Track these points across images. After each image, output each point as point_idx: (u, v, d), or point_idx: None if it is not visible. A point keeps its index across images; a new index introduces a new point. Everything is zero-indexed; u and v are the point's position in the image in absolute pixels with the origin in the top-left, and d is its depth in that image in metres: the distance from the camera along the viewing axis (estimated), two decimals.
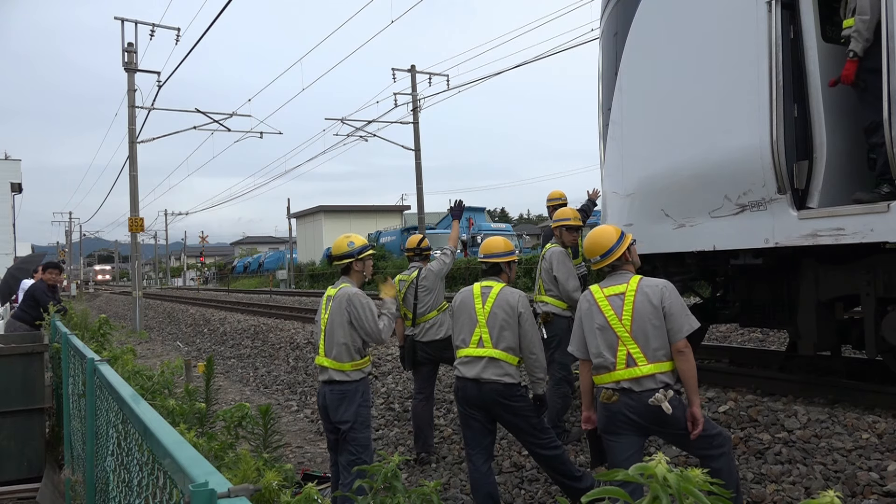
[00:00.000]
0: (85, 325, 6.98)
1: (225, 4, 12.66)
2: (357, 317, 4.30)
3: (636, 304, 3.38)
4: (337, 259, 4.55)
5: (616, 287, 3.50)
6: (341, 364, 4.22)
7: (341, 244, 4.54)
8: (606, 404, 3.42)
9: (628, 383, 3.34)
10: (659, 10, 5.58)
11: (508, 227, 35.95)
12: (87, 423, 3.15)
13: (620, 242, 3.58)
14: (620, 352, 3.38)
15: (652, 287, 3.43)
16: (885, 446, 4.01)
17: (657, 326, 3.35)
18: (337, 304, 4.33)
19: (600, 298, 3.51)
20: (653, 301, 3.37)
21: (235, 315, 19.21)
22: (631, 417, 3.35)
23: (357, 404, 4.22)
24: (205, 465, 1.29)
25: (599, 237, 3.61)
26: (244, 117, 22.85)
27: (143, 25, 19.74)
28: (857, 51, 4.09)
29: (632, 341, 3.36)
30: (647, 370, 3.32)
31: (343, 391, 4.21)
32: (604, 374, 3.45)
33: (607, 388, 3.42)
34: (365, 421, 4.28)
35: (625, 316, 3.40)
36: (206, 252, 65.49)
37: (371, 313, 4.34)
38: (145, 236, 64.57)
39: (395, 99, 24.47)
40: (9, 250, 29.04)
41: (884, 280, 4.43)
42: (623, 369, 3.36)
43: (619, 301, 3.44)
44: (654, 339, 3.35)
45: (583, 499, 1.34)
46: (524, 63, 21.19)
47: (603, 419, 3.49)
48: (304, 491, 2.13)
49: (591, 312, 3.54)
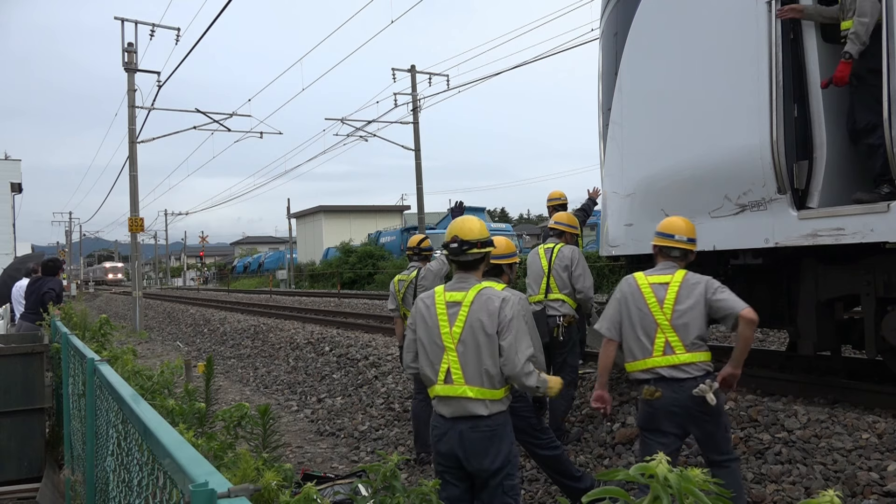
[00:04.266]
0: (85, 325, 6.97)
1: (225, 4, 12.66)
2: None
3: (680, 296, 3.51)
4: (478, 246, 3.21)
5: (661, 276, 3.63)
6: (491, 392, 3.09)
7: (480, 229, 3.23)
8: (650, 401, 3.51)
9: (667, 371, 3.46)
10: (659, 10, 5.58)
11: (508, 227, 35.91)
12: (87, 423, 3.15)
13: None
14: (659, 339, 3.50)
15: (697, 281, 3.55)
16: (885, 446, 4.01)
17: (698, 318, 3.47)
18: (489, 311, 3.10)
19: (643, 285, 3.62)
20: (697, 293, 3.50)
21: (235, 315, 19.21)
22: (673, 412, 3.45)
23: (509, 441, 3.19)
24: (205, 465, 1.29)
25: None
26: (244, 117, 22.87)
27: (143, 25, 19.76)
28: (852, 52, 4.08)
29: (671, 330, 3.48)
30: (685, 359, 3.44)
31: (493, 428, 3.11)
32: (638, 359, 3.56)
33: (646, 382, 3.52)
34: (517, 461, 3.31)
35: (666, 305, 3.52)
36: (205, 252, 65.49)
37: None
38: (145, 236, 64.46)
39: (395, 99, 24.48)
40: (9, 250, 29.01)
41: (884, 280, 4.43)
42: (660, 356, 3.48)
43: (663, 291, 3.56)
44: (694, 330, 3.48)
45: (583, 499, 1.34)
46: (524, 63, 21.26)
47: (645, 416, 3.59)
48: (303, 491, 2.12)
49: (633, 297, 3.64)
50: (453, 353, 3.10)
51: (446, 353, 3.12)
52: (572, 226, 5.83)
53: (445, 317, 3.14)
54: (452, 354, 3.10)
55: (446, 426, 3.13)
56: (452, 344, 3.10)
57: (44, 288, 8.52)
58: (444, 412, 3.14)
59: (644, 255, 5.97)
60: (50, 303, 7.60)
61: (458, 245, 3.17)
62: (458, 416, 3.10)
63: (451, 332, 3.11)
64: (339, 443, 7.07)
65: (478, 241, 3.19)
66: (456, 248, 3.17)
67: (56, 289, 8.54)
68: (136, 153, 20.23)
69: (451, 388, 3.10)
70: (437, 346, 3.14)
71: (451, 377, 3.10)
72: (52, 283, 8.67)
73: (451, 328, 3.12)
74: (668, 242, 3.70)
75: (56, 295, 8.35)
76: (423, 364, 3.23)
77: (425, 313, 3.22)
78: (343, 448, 6.85)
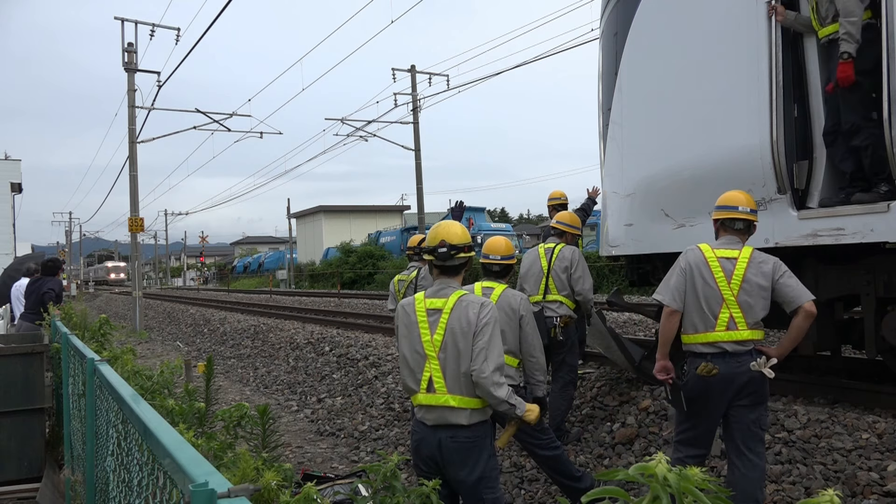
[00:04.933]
0: (85, 325, 6.97)
1: (225, 4, 12.66)
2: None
3: (748, 273, 3.53)
4: (464, 251, 3.17)
5: (729, 251, 3.62)
6: (471, 401, 3.03)
7: (464, 233, 3.21)
8: (705, 377, 3.54)
9: (730, 346, 3.49)
10: (659, 10, 5.57)
11: (508, 227, 35.93)
12: (87, 423, 3.15)
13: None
14: (723, 314, 3.53)
15: (764, 260, 3.57)
16: (885, 446, 4.01)
17: (764, 297, 3.52)
18: (468, 318, 3.03)
19: (711, 258, 3.61)
20: (764, 272, 3.52)
21: (235, 315, 19.21)
22: (724, 390, 3.51)
23: (488, 454, 3.13)
24: (205, 465, 1.29)
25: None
26: (244, 117, 22.89)
27: (143, 25, 19.78)
28: (850, 52, 4.08)
29: (736, 306, 3.51)
30: (747, 335, 3.50)
31: (472, 439, 3.06)
32: (700, 333, 3.59)
33: (703, 356, 3.55)
34: (497, 474, 3.26)
35: (734, 280, 3.52)
36: (205, 252, 65.47)
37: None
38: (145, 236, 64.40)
39: (395, 99, 24.48)
40: (9, 250, 28.98)
41: (884, 280, 4.43)
42: (723, 331, 3.52)
43: (731, 266, 3.57)
44: (759, 309, 3.52)
45: (583, 499, 1.34)
46: (524, 63, 21.23)
47: (698, 391, 3.59)
48: (303, 491, 2.13)
49: (699, 269, 3.61)
50: (435, 362, 3.03)
51: (428, 362, 3.05)
52: (574, 226, 5.83)
53: (426, 324, 3.07)
54: (434, 363, 3.03)
55: (427, 432, 3.10)
56: (434, 352, 3.03)
57: (43, 288, 8.52)
58: (427, 420, 3.10)
59: (644, 256, 5.98)
60: (50, 303, 7.60)
61: (447, 249, 3.10)
62: (439, 424, 3.06)
63: (433, 340, 3.04)
64: (339, 443, 7.07)
65: (464, 246, 3.14)
66: (444, 253, 3.10)
67: (56, 289, 8.54)
68: (136, 153, 20.24)
69: (434, 397, 3.04)
70: (419, 354, 3.08)
71: (433, 386, 3.03)
72: (51, 283, 8.66)
73: (433, 336, 3.05)
74: (731, 214, 3.66)
75: (56, 295, 8.36)
76: (403, 373, 3.17)
77: (406, 321, 3.15)
78: (343, 448, 6.85)
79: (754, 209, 3.71)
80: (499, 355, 3.01)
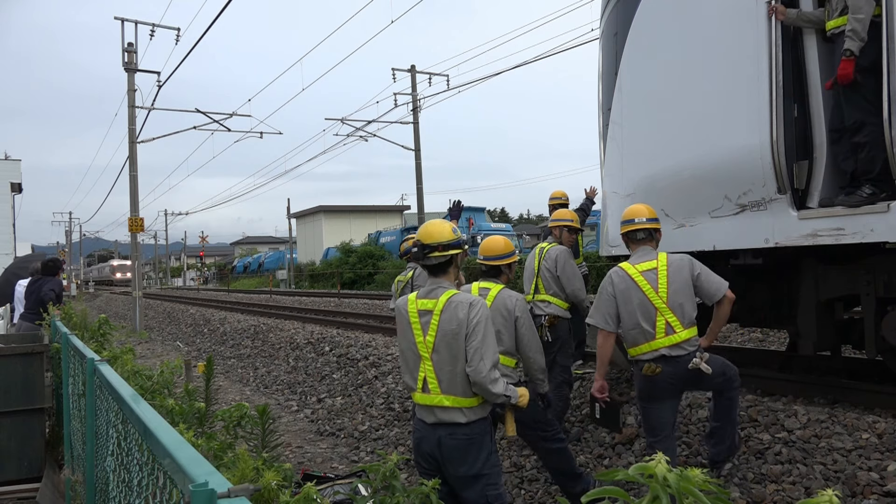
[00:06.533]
0: (85, 325, 6.96)
1: (225, 4, 12.66)
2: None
3: (670, 277, 3.81)
4: (440, 249, 3.13)
5: (647, 263, 3.91)
6: (466, 401, 3.06)
7: (444, 231, 3.16)
8: (650, 376, 3.83)
9: (668, 350, 3.78)
10: (659, 10, 5.57)
11: (508, 227, 35.92)
12: (87, 423, 3.15)
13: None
14: (659, 322, 3.80)
15: (679, 261, 3.89)
16: (885, 446, 4.01)
17: (690, 297, 3.82)
18: (458, 318, 3.03)
19: (635, 274, 3.89)
20: (684, 273, 3.83)
21: (235, 315, 19.21)
22: (672, 383, 3.83)
23: (488, 451, 3.13)
24: (205, 465, 1.29)
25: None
26: (244, 117, 22.90)
27: (143, 25, 19.78)
28: (853, 49, 4.07)
29: (669, 311, 3.79)
30: (684, 335, 3.79)
31: (470, 436, 3.08)
32: (642, 344, 3.85)
33: (648, 360, 3.83)
34: (498, 471, 3.25)
35: (661, 288, 3.81)
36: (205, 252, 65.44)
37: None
38: (145, 236, 64.26)
39: (395, 99, 24.47)
40: (9, 250, 28.97)
41: (884, 280, 4.42)
42: (663, 337, 3.78)
43: (654, 275, 3.85)
44: (689, 308, 3.82)
45: (583, 499, 1.34)
46: (524, 63, 21.24)
47: (646, 389, 3.91)
48: (303, 490, 2.12)
49: (628, 289, 3.89)
50: (428, 363, 3.07)
51: (422, 363, 3.09)
52: (560, 219, 5.80)
53: (419, 326, 3.10)
54: (428, 364, 3.07)
55: (426, 429, 3.14)
56: (427, 353, 3.06)
57: (43, 288, 8.52)
58: (425, 419, 3.14)
59: None
60: (50, 303, 7.60)
61: (420, 249, 3.12)
62: (437, 423, 3.10)
63: (426, 341, 3.07)
64: (339, 443, 7.07)
65: (439, 245, 3.10)
66: (417, 253, 3.14)
67: (56, 289, 8.53)
68: (136, 153, 20.24)
69: (428, 397, 3.08)
70: (414, 354, 3.12)
71: (427, 386, 3.08)
72: (51, 283, 8.66)
73: (425, 337, 3.07)
74: (631, 227, 4.04)
75: (56, 295, 8.35)
76: (403, 371, 3.25)
77: (401, 321, 3.20)
78: (343, 448, 6.85)
79: (653, 217, 4.07)
80: (494, 353, 3.04)
